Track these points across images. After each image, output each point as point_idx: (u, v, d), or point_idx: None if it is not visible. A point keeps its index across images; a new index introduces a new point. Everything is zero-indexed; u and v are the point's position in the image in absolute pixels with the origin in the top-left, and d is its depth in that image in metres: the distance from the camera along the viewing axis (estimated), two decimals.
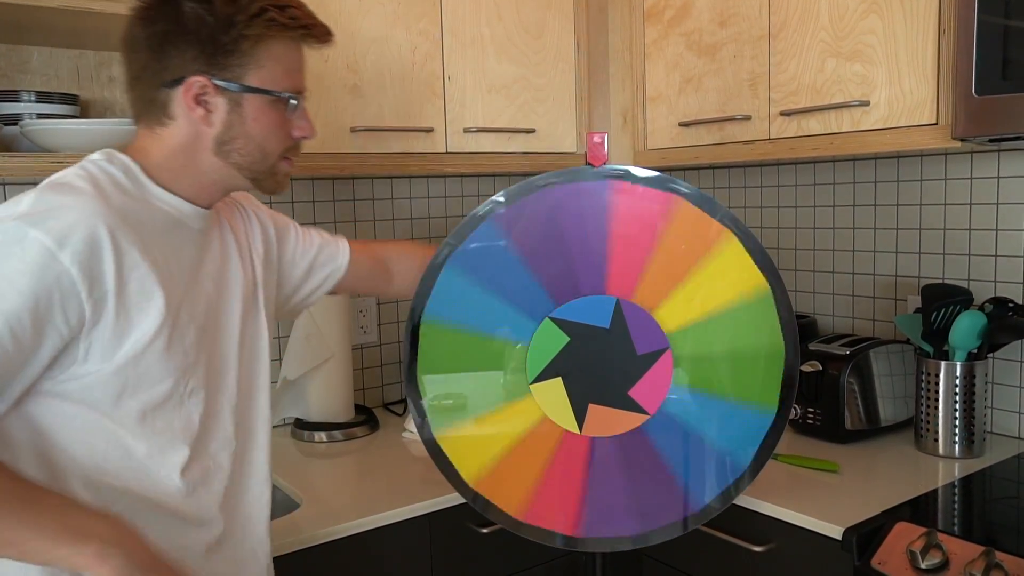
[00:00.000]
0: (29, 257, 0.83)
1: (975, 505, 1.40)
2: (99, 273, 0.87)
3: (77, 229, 0.85)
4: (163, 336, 0.94)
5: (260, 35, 0.95)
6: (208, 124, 0.97)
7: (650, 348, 1.22)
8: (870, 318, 1.90)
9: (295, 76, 1.01)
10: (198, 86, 0.95)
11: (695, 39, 1.76)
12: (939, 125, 1.39)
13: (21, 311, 0.83)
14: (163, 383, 0.95)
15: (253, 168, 1.01)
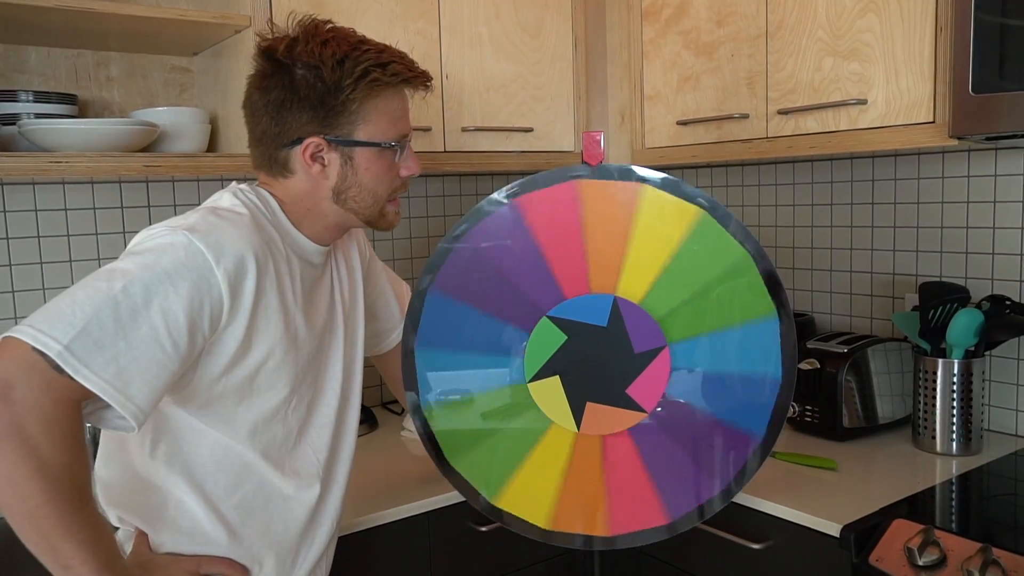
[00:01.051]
0: (190, 262, 0.93)
1: (972, 502, 1.41)
2: (240, 292, 0.98)
3: (233, 251, 0.96)
4: (275, 358, 1.04)
5: (365, 95, 1.04)
6: (325, 177, 1.08)
7: (647, 346, 1.22)
8: (868, 316, 1.90)
9: (400, 123, 1.10)
10: (314, 146, 1.05)
11: (693, 38, 1.77)
12: (936, 123, 1.39)
13: (178, 311, 0.92)
14: (273, 399, 1.06)
15: (366, 212, 1.12)
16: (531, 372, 1.24)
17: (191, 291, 0.93)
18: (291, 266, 1.08)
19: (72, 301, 0.88)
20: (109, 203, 1.69)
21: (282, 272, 1.05)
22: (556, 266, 1.23)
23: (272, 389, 1.06)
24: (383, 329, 1.40)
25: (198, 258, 0.93)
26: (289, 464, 1.11)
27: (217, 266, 0.94)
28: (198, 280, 0.93)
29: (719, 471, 1.22)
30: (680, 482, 1.23)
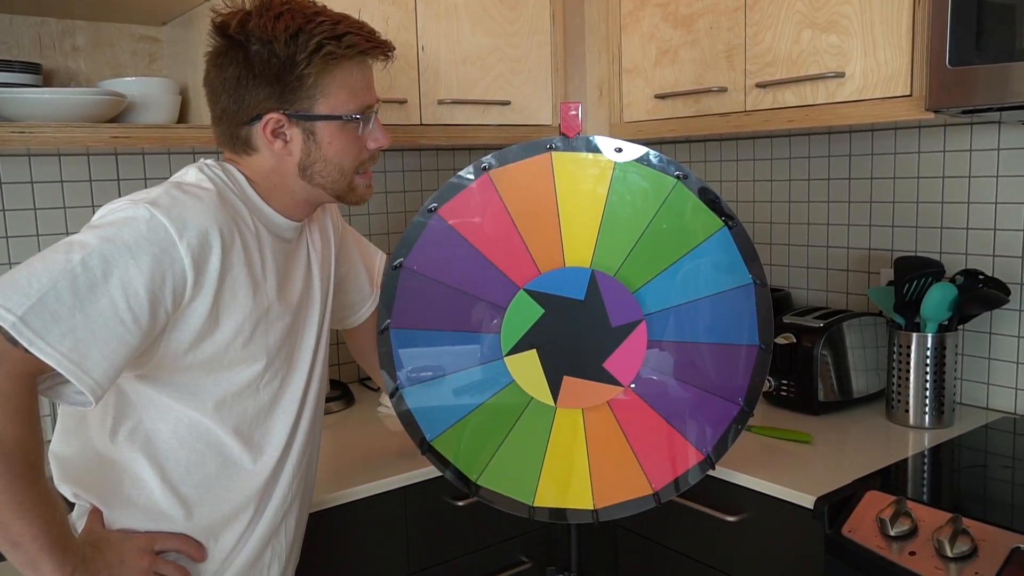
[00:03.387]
0: (152, 236, 0.91)
1: (944, 474, 1.42)
2: (205, 267, 0.96)
3: (197, 225, 0.94)
4: (244, 333, 1.02)
5: (321, 68, 1.02)
6: (288, 153, 1.06)
7: (625, 320, 1.22)
8: (844, 291, 1.91)
9: (362, 94, 1.07)
10: (273, 122, 1.03)
11: (671, 10, 1.75)
12: (913, 96, 1.39)
13: (139, 285, 0.90)
14: (244, 374, 1.05)
15: (334, 187, 1.09)
16: (508, 346, 1.24)
17: (153, 265, 0.91)
18: (260, 241, 1.06)
19: (29, 273, 0.86)
20: (77, 176, 1.65)
21: (251, 247, 1.03)
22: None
23: (243, 363, 1.05)
24: (351, 302, 1.37)
25: (160, 232, 0.91)
26: (257, 439, 1.10)
27: (180, 240, 0.92)
28: (160, 254, 0.91)
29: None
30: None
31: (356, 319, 1.40)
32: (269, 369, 1.08)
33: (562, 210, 1.21)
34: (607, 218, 1.20)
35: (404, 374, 1.26)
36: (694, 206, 1.19)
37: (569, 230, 1.21)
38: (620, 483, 1.26)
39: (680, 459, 1.25)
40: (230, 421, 1.06)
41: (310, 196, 1.11)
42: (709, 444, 1.24)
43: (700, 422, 1.24)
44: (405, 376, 1.26)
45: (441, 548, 1.54)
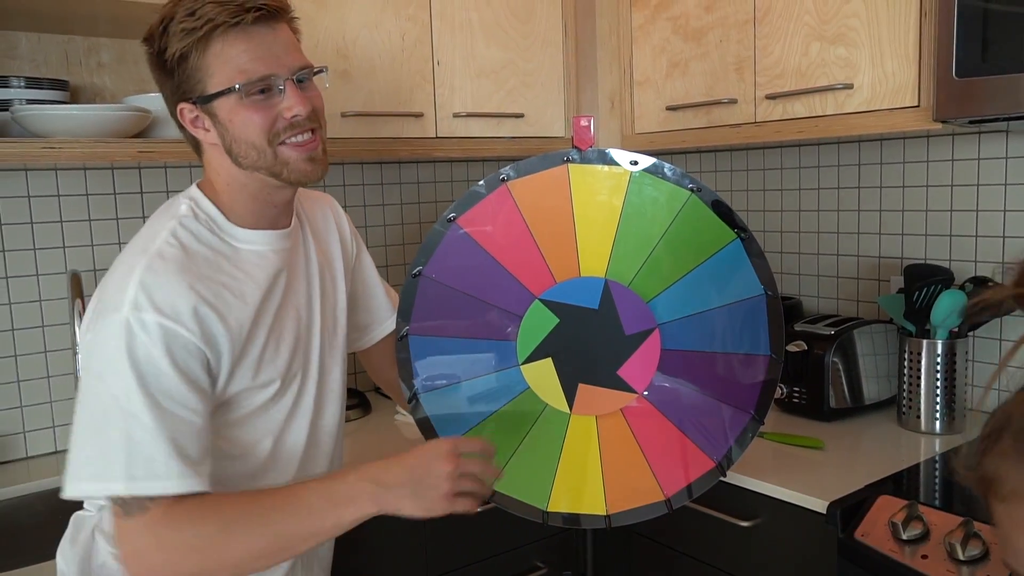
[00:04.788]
0: (158, 339, 0.94)
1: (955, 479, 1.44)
2: (210, 334, 0.99)
3: (180, 303, 0.96)
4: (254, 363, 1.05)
5: (189, 48, 0.99)
6: (213, 140, 1.05)
7: (638, 328, 1.24)
8: (854, 299, 1.93)
9: (251, 65, 1.00)
10: (187, 111, 1.04)
11: (682, 24, 1.78)
12: (921, 107, 1.41)
13: (178, 385, 0.95)
14: (257, 397, 1.07)
15: (262, 164, 1.04)
16: (524, 354, 1.26)
17: (174, 361, 0.95)
18: (253, 273, 1.06)
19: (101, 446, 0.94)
20: (102, 189, 1.70)
21: (241, 291, 1.04)
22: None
23: (259, 389, 1.07)
24: (363, 323, 1.37)
25: (158, 331, 0.94)
26: (274, 452, 1.11)
27: (178, 325, 0.95)
28: (173, 349, 0.95)
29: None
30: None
31: (368, 340, 1.40)
32: (283, 387, 1.10)
33: (578, 221, 1.24)
34: (622, 229, 1.23)
35: (421, 381, 1.28)
36: (707, 218, 1.21)
37: (584, 240, 1.24)
38: (632, 489, 1.28)
39: (692, 466, 1.27)
40: (251, 436, 1.08)
41: (259, 187, 1.07)
42: (720, 452, 1.26)
43: (711, 430, 1.26)
44: (422, 383, 1.28)
45: (458, 554, 1.56)
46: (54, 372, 1.68)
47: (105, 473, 0.92)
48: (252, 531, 0.95)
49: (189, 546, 0.94)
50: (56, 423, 1.70)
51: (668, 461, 1.27)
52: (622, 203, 1.23)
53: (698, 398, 1.25)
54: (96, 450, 0.93)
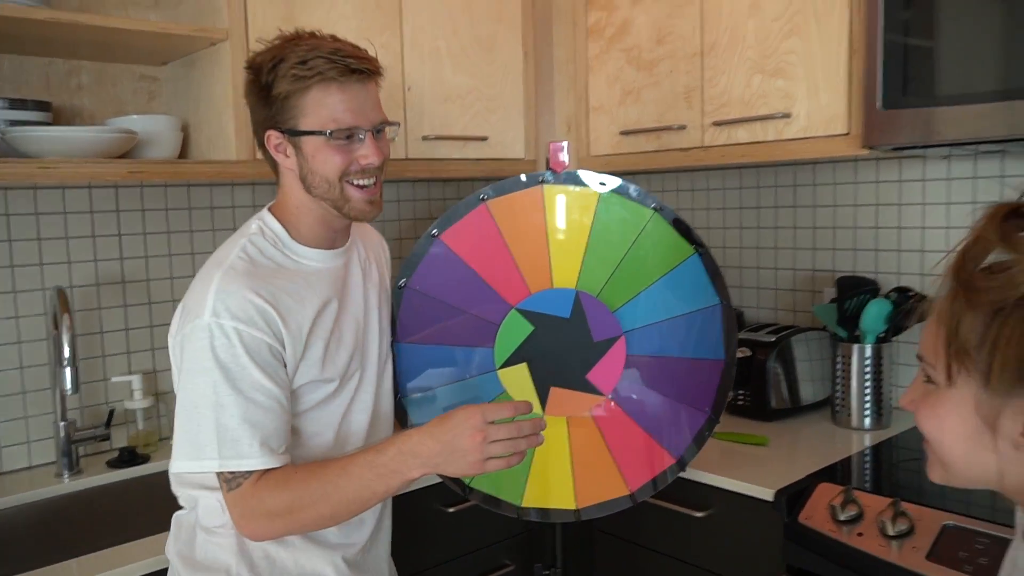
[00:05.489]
0: (236, 341, 1.09)
1: (884, 467, 1.60)
2: (278, 331, 1.13)
3: (250, 308, 1.11)
4: (319, 361, 1.19)
5: (292, 90, 1.13)
6: (291, 168, 1.19)
7: (606, 335, 1.36)
8: (791, 309, 2.10)
9: (342, 115, 1.15)
10: (274, 137, 1.18)
11: (634, 55, 1.93)
12: (851, 135, 1.58)
13: (259, 377, 1.11)
14: (318, 393, 1.21)
15: (329, 196, 1.19)
16: (500, 360, 1.37)
17: (255, 359, 1.10)
18: (312, 285, 1.20)
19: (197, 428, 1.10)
20: (80, 207, 1.74)
21: (302, 297, 1.18)
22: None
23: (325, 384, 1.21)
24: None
25: (235, 336, 1.09)
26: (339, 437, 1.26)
27: (251, 328, 1.10)
28: (253, 348, 1.10)
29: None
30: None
31: None
32: (341, 384, 1.24)
33: (551, 237, 1.36)
34: (591, 244, 1.35)
35: (406, 386, 1.38)
36: (668, 234, 1.35)
37: (557, 255, 1.36)
38: (600, 485, 1.39)
39: (655, 462, 1.39)
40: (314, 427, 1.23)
41: (324, 213, 1.21)
42: (680, 448, 1.38)
43: (672, 429, 1.39)
44: (407, 389, 1.38)
45: (429, 554, 1.65)
46: (29, 388, 1.71)
47: (200, 453, 1.09)
48: (317, 499, 1.10)
49: (273, 512, 1.10)
50: (31, 438, 1.72)
51: (633, 458, 1.39)
52: (591, 221, 1.35)
53: (660, 399, 1.38)
54: (192, 435, 1.10)
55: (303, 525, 1.14)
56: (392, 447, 1.11)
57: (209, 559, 1.19)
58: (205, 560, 1.20)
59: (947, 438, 0.71)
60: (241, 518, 1.12)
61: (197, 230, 1.91)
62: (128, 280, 1.82)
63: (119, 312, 1.81)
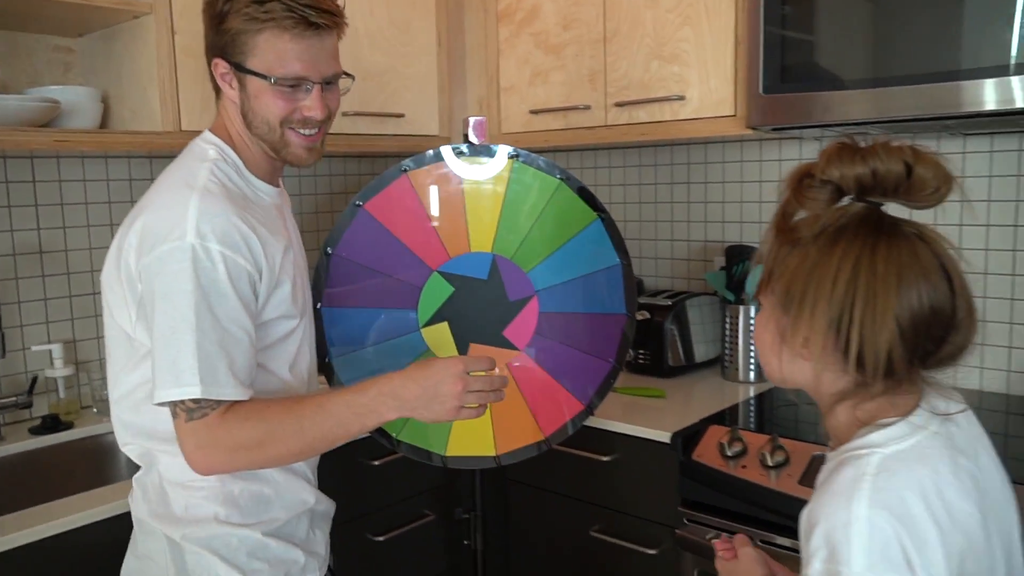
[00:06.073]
0: (221, 266, 1.07)
1: (765, 411, 1.80)
2: (259, 261, 1.12)
3: (235, 235, 1.08)
4: (289, 296, 1.19)
5: (244, 28, 1.12)
6: (233, 99, 1.18)
7: (520, 295, 1.49)
8: (686, 276, 2.29)
9: (291, 64, 1.13)
10: (221, 66, 1.16)
11: (542, 39, 2.06)
12: (736, 117, 1.76)
13: (237, 307, 1.09)
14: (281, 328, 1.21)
15: (268, 138, 1.18)
16: (424, 319, 1.48)
17: (235, 287, 1.08)
18: (267, 217, 1.19)
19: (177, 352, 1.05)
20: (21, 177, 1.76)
21: (265, 229, 1.15)
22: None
23: (287, 320, 1.21)
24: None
25: (221, 261, 1.07)
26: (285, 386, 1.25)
27: (237, 255, 1.08)
28: (235, 276, 1.08)
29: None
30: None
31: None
32: (299, 321, 1.24)
33: (468, 204, 1.47)
34: (505, 211, 1.48)
35: (334, 348, 1.47)
36: (574, 201, 1.48)
37: (474, 221, 1.48)
38: (517, 432, 1.53)
39: (566, 409, 1.53)
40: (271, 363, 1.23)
41: (262, 149, 1.20)
42: (588, 396, 1.53)
43: (581, 378, 1.53)
44: (334, 350, 1.47)
45: (353, 506, 1.74)
46: None
47: (182, 380, 1.04)
48: (290, 435, 1.09)
49: (240, 444, 1.08)
50: None
51: (546, 406, 1.52)
52: (504, 189, 1.48)
53: (569, 352, 1.52)
54: (171, 360, 1.05)
55: (266, 460, 1.12)
56: (372, 388, 1.11)
57: (192, 512, 1.15)
58: (187, 514, 1.15)
59: (762, 347, 0.89)
60: (198, 449, 1.07)
61: (115, 201, 1.93)
62: (46, 251, 1.83)
63: (37, 282, 1.82)
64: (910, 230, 0.80)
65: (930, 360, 0.80)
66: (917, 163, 0.79)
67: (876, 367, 0.77)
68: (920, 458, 0.76)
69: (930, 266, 0.77)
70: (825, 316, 0.78)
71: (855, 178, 0.81)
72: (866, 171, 0.80)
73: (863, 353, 0.77)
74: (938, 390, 0.84)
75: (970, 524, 0.76)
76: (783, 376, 0.88)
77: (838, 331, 0.78)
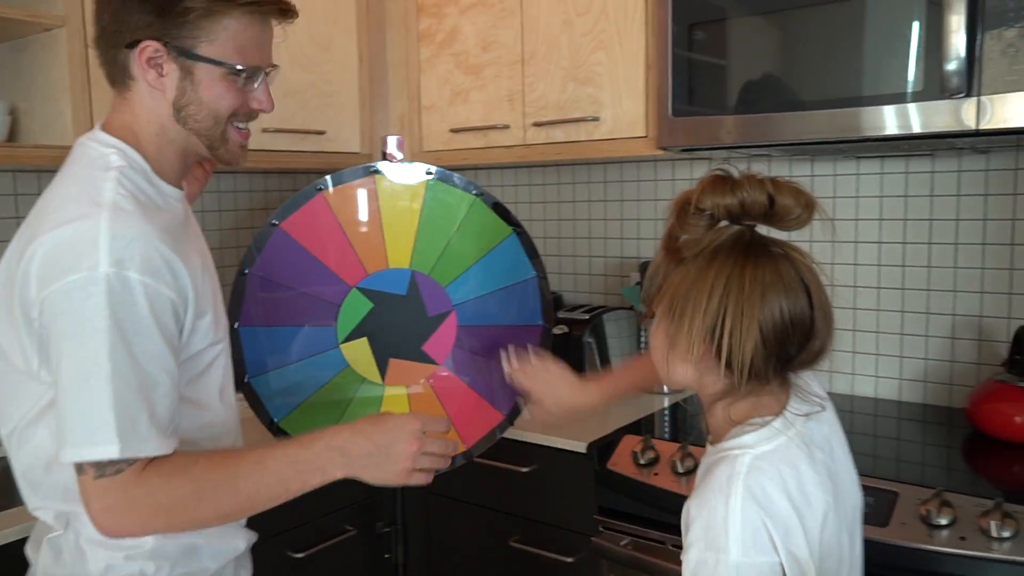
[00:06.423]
0: (143, 299, 0.93)
1: (678, 421, 1.86)
2: (184, 288, 1.00)
3: (157, 259, 0.95)
4: (213, 320, 1.07)
5: (208, 9, 0.99)
6: (160, 88, 1.02)
7: (439, 310, 1.52)
8: (603, 292, 2.35)
9: (250, 52, 1.04)
10: (151, 50, 1.00)
11: (462, 59, 2.10)
12: (648, 137, 1.83)
13: (160, 346, 0.95)
14: (209, 354, 1.09)
15: (208, 134, 1.06)
16: (343, 335, 1.49)
17: (157, 320, 0.95)
18: (181, 230, 1.07)
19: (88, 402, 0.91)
20: None
21: (180, 246, 1.02)
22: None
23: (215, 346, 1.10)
24: None
25: (140, 290, 0.93)
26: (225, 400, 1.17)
27: (159, 283, 0.95)
28: (156, 307, 0.95)
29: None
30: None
31: None
32: (225, 343, 1.15)
33: (385, 222, 1.49)
34: (421, 227, 1.50)
35: (253, 367, 1.46)
36: (489, 217, 1.52)
37: (391, 238, 1.50)
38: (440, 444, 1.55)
39: (486, 420, 1.56)
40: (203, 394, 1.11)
41: (186, 145, 1.07)
42: (508, 406, 1.56)
43: (501, 389, 1.56)
44: (254, 369, 1.46)
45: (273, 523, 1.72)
46: None
47: (97, 437, 0.90)
48: (221, 494, 0.96)
49: (160, 506, 0.94)
50: None
51: (467, 418, 1.55)
52: (421, 206, 1.51)
53: (488, 364, 1.55)
54: (83, 414, 0.91)
55: (188, 522, 0.99)
56: (319, 442, 1.01)
57: (114, 572, 1.03)
58: (107, 575, 1.03)
59: (655, 353, 0.98)
60: (108, 511, 0.93)
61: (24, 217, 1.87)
62: None
63: None
64: (776, 250, 0.90)
65: (792, 363, 0.91)
66: (777, 193, 0.89)
67: (743, 370, 0.88)
68: (783, 459, 0.88)
69: (791, 282, 0.88)
70: (702, 326, 0.88)
71: (726, 207, 0.91)
72: (734, 202, 0.90)
73: (731, 358, 0.87)
74: (800, 392, 0.95)
75: (825, 508, 0.89)
76: (673, 378, 0.98)
77: (713, 339, 0.88)
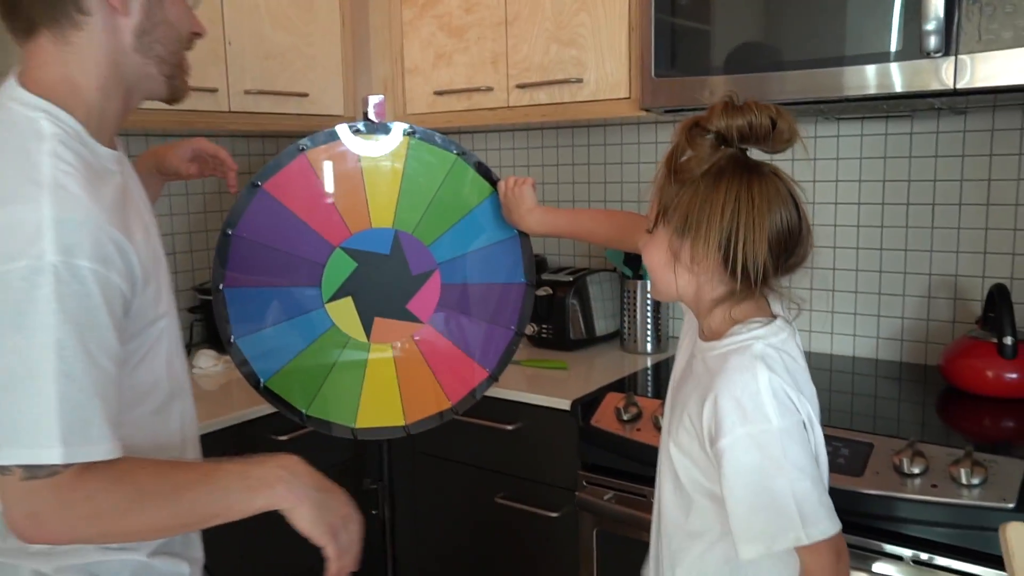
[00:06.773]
0: (95, 288, 0.85)
1: (661, 380, 1.89)
2: (133, 273, 0.92)
3: (109, 245, 0.87)
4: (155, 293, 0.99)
5: None
6: (126, 13, 0.94)
7: (422, 269, 1.53)
8: (586, 254, 2.37)
9: None
10: None
11: (446, 22, 2.09)
12: (631, 99, 1.84)
13: (111, 336, 0.87)
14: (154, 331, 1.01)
15: (171, 60, 1.00)
16: (328, 295, 1.50)
17: (107, 308, 0.87)
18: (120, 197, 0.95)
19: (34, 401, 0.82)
20: None
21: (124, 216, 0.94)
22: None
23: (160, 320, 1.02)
24: None
25: (91, 278, 0.85)
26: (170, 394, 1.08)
27: (109, 271, 0.87)
28: (106, 295, 0.87)
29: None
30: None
31: None
32: (169, 317, 1.05)
33: (367, 181, 1.50)
34: (404, 187, 1.51)
35: (238, 327, 1.48)
36: (471, 176, 1.53)
37: (374, 197, 1.51)
38: (425, 401, 1.57)
39: (471, 377, 1.58)
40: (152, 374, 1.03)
41: (138, 84, 0.99)
42: (492, 363, 1.59)
43: (484, 346, 1.58)
44: (239, 328, 1.48)
45: None
46: None
47: (38, 439, 0.81)
48: (162, 505, 0.89)
49: (95, 513, 0.86)
50: None
51: (451, 376, 1.57)
52: (403, 166, 1.51)
53: (472, 321, 1.57)
54: (21, 412, 0.82)
55: (119, 533, 0.91)
56: (271, 460, 0.96)
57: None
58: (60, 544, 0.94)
59: (653, 264, 1.08)
60: (36, 516, 0.84)
61: None
62: None
63: None
64: (767, 169, 1.00)
65: (783, 268, 1.02)
66: (779, 118, 1.00)
67: (756, 276, 0.97)
68: (786, 350, 1.01)
69: (785, 196, 1.00)
70: (718, 237, 0.98)
71: (737, 128, 0.99)
72: (744, 123, 0.99)
73: (746, 266, 0.97)
74: (782, 298, 1.07)
75: (813, 401, 1.03)
76: (668, 288, 1.07)
77: (726, 250, 0.97)
